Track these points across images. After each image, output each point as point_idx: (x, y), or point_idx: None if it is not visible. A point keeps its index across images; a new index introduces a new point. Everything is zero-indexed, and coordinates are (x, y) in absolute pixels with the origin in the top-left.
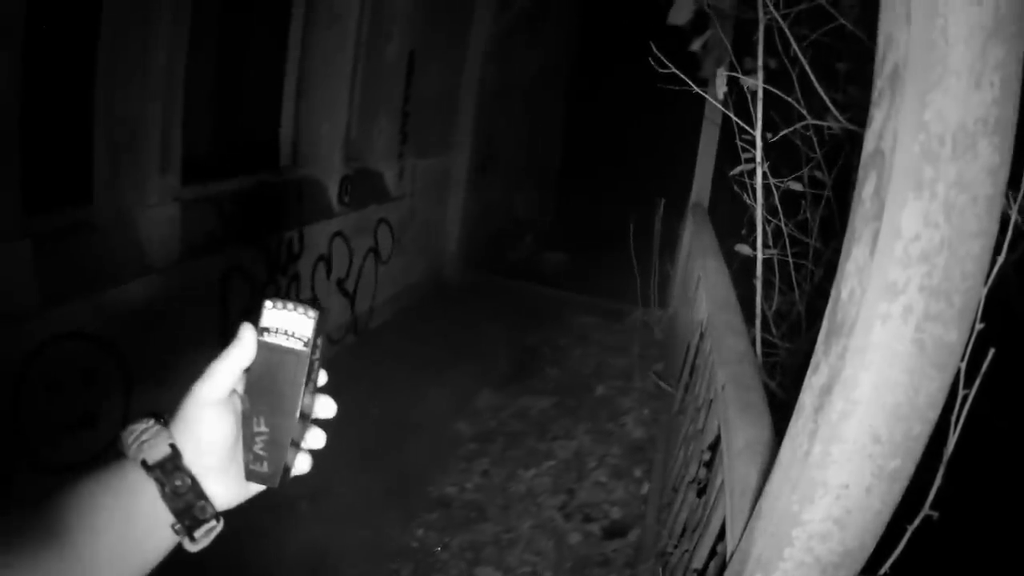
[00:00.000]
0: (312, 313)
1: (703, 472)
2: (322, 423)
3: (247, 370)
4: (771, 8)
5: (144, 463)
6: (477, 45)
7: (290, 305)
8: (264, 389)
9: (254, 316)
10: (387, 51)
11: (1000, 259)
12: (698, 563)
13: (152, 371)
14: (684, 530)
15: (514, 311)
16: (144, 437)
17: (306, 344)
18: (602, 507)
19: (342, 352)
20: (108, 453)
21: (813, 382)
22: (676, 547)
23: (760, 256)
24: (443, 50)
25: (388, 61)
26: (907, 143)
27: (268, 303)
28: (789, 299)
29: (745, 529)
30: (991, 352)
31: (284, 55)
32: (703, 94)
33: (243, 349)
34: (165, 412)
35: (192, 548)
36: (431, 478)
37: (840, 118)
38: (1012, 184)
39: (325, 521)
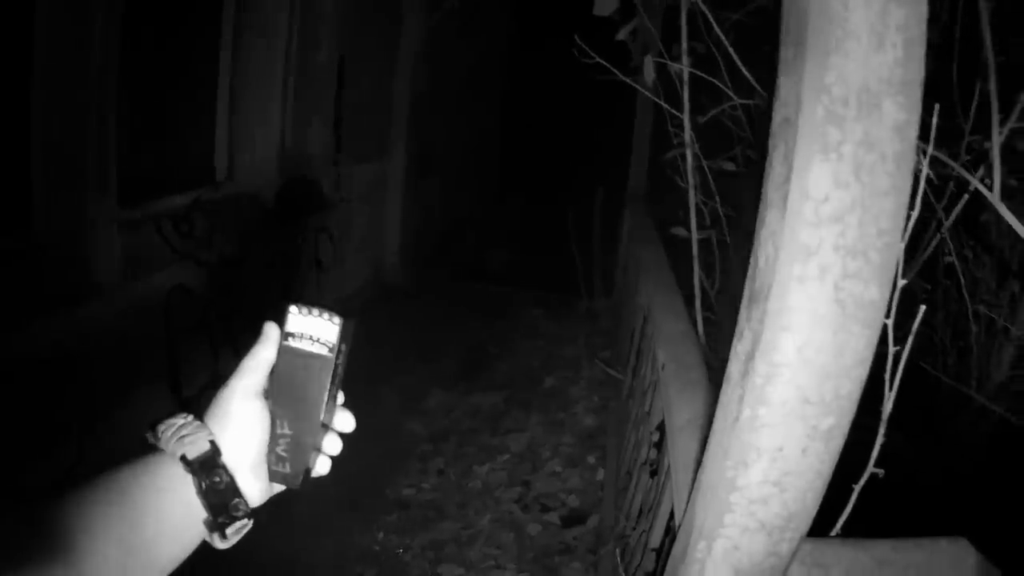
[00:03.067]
0: (337, 320)
1: (654, 453)
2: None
3: (272, 373)
4: None
5: (184, 458)
6: (408, 46)
7: (315, 311)
8: (289, 393)
9: (279, 319)
10: (317, 59)
11: (914, 214)
12: (655, 542)
13: (101, 389)
14: (640, 511)
15: (460, 310)
16: (184, 432)
17: (331, 350)
18: (559, 496)
19: None
20: (139, 447)
21: (738, 349)
22: (634, 529)
23: (695, 237)
24: (374, 53)
25: (319, 68)
26: (811, 107)
27: (293, 308)
28: (731, 277)
29: (688, 502)
30: (921, 309)
31: (216, 69)
32: (632, 83)
33: (269, 344)
34: (192, 411)
35: (222, 545)
36: (388, 481)
37: (766, 96)
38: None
39: (285, 531)
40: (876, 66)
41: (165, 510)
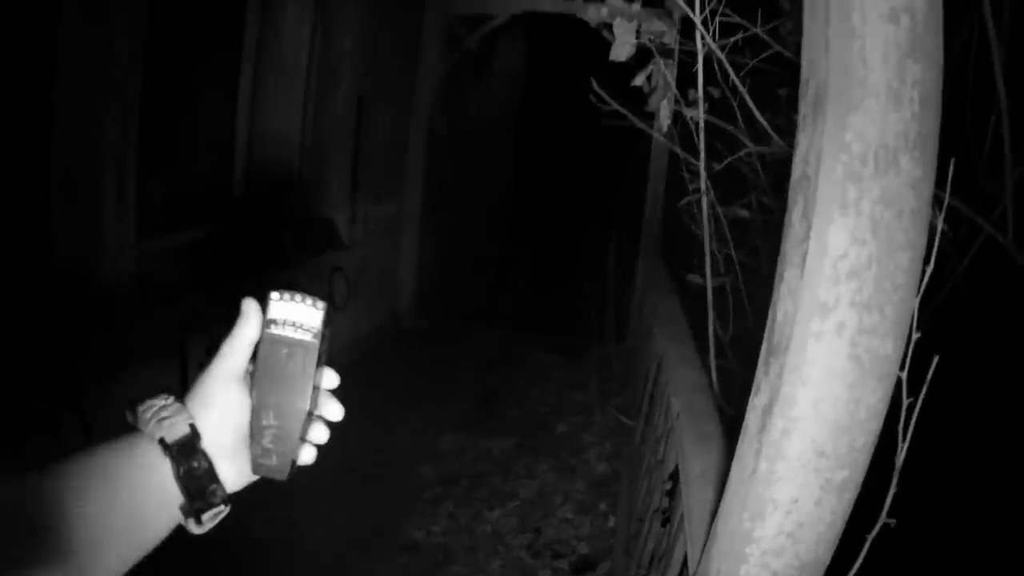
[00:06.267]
0: (321, 304)
1: (666, 501)
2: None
3: (254, 361)
4: (708, 40)
5: (162, 441)
6: (425, 88)
7: (298, 296)
8: (273, 382)
9: (262, 305)
10: (336, 98)
11: (929, 268)
12: None
13: (112, 422)
14: (652, 559)
15: (472, 352)
16: (164, 414)
17: (315, 336)
18: (570, 543)
19: None
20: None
21: (756, 403)
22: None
23: (710, 285)
24: (392, 94)
25: (337, 108)
26: (830, 165)
27: (274, 294)
28: (746, 324)
29: (703, 552)
30: (935, 360)
31: (235, 105)
32: (647, 129)
33: (250, 323)
34: (176, 390)
35: (197, 531)
36: (397, 522)
37: (782, 143)
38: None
39: (295, 569)
40: (894, 122)
41: (141, 493)
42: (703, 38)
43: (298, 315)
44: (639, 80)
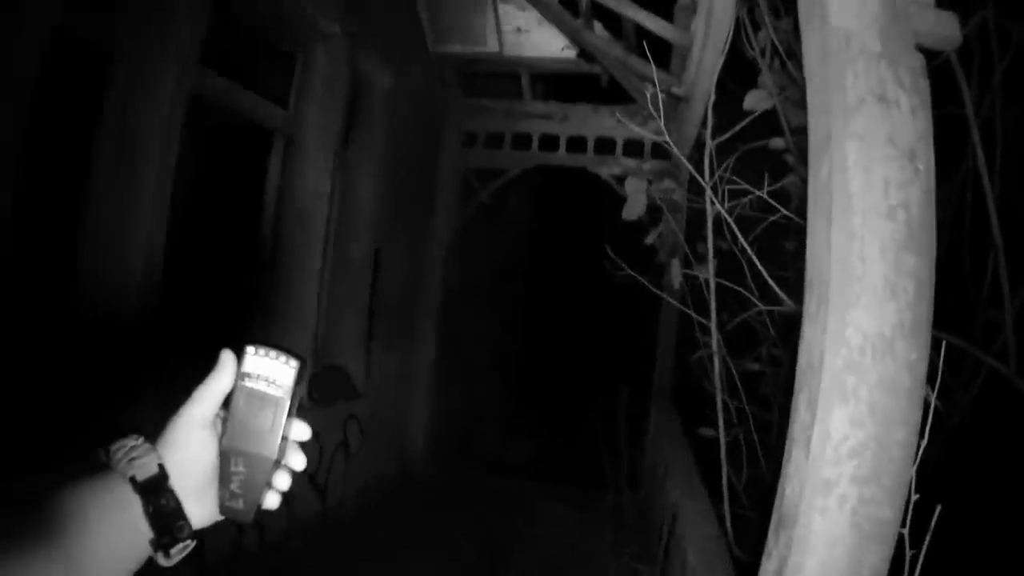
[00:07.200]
0: (294, 363)
1: None
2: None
3: (227, 409)
4: (717, 203)
5: (133, 480)
6: (439, 240)
7: (272, 353)
8: (243, 431)
9: (238, 358)
10: (353, 250)
11: (923, 442)
12: None
13: None
14: None
15: (482, 501)
16: (134, 454)
17: (286, 392)
18: None
19: (313, 545)
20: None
21: (767, 567)
22: None
23: (723, 439)
24: (407, 246)
25: (354, 260)
26: (832, 358)
27: (250, 348)
28: (759, 470)
29: None
30: (938, 508)
31: (257, 253)
32: (658, 293)
33: (224, 374)
34: (147, 431)
35: (166, 564)
36: None
37: (789, 302)
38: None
39: None
40: (890, 312)
41: (112, 528)
42: (712, 202)
43: (271, 371)
44: (651, 239)
